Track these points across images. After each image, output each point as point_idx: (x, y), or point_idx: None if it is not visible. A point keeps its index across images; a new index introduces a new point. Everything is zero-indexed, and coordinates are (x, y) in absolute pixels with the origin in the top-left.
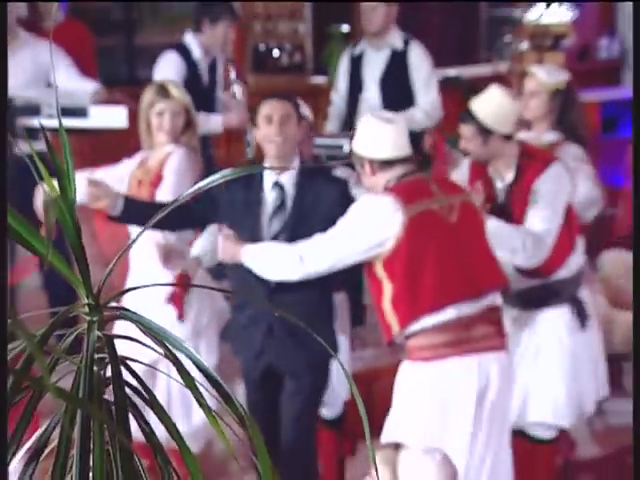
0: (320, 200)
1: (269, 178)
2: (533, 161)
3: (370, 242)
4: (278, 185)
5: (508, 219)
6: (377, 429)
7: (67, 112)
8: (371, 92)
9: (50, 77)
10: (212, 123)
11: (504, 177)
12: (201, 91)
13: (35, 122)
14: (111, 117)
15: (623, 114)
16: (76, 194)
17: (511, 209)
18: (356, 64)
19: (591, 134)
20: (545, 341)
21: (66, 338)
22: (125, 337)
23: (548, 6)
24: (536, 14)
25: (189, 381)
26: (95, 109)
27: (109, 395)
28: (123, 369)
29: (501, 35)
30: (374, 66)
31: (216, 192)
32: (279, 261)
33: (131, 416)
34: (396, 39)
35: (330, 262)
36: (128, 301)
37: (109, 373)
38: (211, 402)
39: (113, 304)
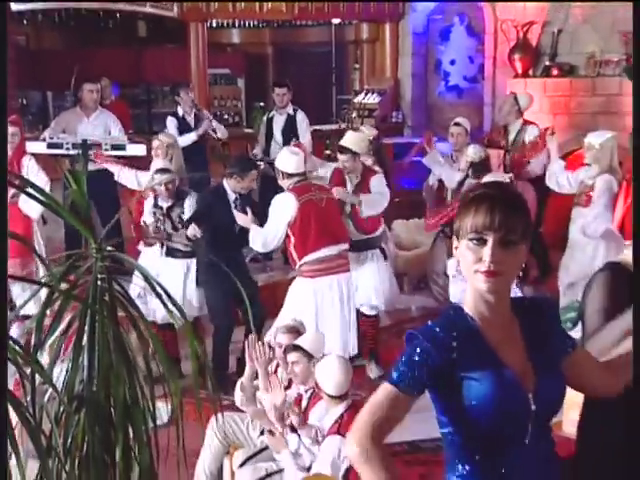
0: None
1: (231, 194)
2: (368, 171)
3: (286, 218)
4: (240, 196)
5: None
6: None
7: (115, 147)
8: (278, 137)
9: (111, 130)
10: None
11: (353, 181)
12: (190, 131)
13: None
14: (137, 150)
15: (403, 150)
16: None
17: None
18: (269, 122)
19: (389, 160)
20: (370, 265)
21: (82, 267)
22: (117, 270)
23: (366, 95)
24: (360, 98)
25: (159, 297)
26: (129, 145)
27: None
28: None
29: (343, 109)
30: (279, 123)
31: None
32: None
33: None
34: (290, 109)
35: (271, 234)
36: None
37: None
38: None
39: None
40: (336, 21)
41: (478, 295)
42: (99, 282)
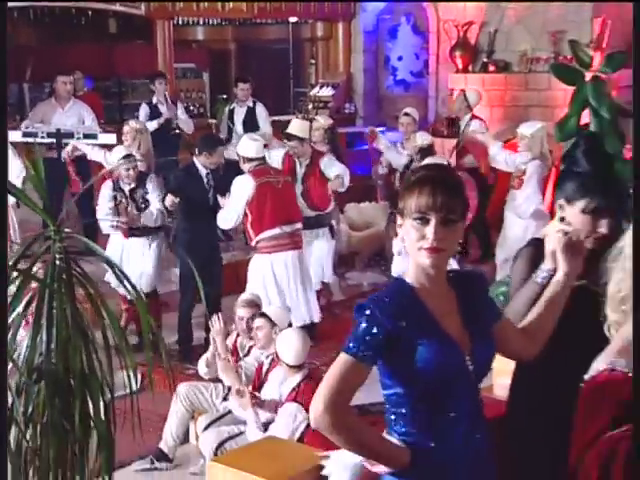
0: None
1: (203, 170)
2: (317, 154)
3: (244, 197)
4: (211, 171)
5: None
6: None
7: (87, 136)
8: (239, 126)
9: (84, 120)
10: (150, 125)
11: (303, 164)
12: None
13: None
14: (108, 138)
15: (355, 139)
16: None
17: (307, 178)
18: (230, 114)
19: (342, 147)
20: (319, 242)
21: (42, 249)
22: (75, 252)
23: (321, 88)
24: (315, 91)
25: (116, 274)
26: (101, 135)
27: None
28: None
29: (300, 101)
30: (240, 115)
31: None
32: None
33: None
34: (250, 101)
35: (232, 212)
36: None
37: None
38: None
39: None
40: (293, 20)
41: (420, 269)
42: (57, 262)
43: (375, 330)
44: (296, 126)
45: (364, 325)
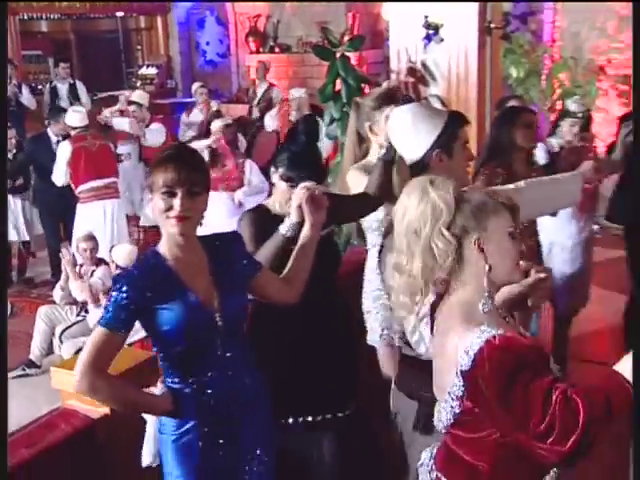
0: None
1: (54, 138)
2: (151, 120)
3: (64, 159)
4: (63, 137)
5: None
6: None
7: None
8: (64, 102)
9: None
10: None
11: (143, 128)
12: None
13: None
14: None
15: (176, 108)
16: None
17: None
18: (53, 90)
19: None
20: None
21: None
22: None
23: (147, 68)
24: (143, 70)
25: None
26: None
27: None
28: None
29: (130, 79)
30: (63, 91)
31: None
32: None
33: None
34: (70, 79)
35: (58, 171)
36: None
37: None
38: None
39: None
40: (120, 14)
41: (172, 239)
42: None
43: (122, 301)
44: (136, 95)
45: (114, 296)
